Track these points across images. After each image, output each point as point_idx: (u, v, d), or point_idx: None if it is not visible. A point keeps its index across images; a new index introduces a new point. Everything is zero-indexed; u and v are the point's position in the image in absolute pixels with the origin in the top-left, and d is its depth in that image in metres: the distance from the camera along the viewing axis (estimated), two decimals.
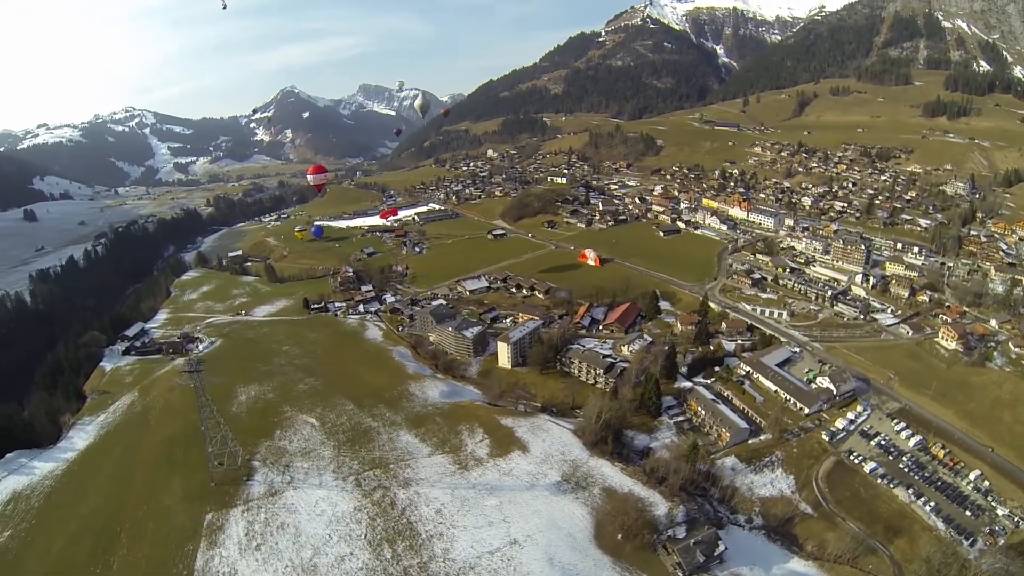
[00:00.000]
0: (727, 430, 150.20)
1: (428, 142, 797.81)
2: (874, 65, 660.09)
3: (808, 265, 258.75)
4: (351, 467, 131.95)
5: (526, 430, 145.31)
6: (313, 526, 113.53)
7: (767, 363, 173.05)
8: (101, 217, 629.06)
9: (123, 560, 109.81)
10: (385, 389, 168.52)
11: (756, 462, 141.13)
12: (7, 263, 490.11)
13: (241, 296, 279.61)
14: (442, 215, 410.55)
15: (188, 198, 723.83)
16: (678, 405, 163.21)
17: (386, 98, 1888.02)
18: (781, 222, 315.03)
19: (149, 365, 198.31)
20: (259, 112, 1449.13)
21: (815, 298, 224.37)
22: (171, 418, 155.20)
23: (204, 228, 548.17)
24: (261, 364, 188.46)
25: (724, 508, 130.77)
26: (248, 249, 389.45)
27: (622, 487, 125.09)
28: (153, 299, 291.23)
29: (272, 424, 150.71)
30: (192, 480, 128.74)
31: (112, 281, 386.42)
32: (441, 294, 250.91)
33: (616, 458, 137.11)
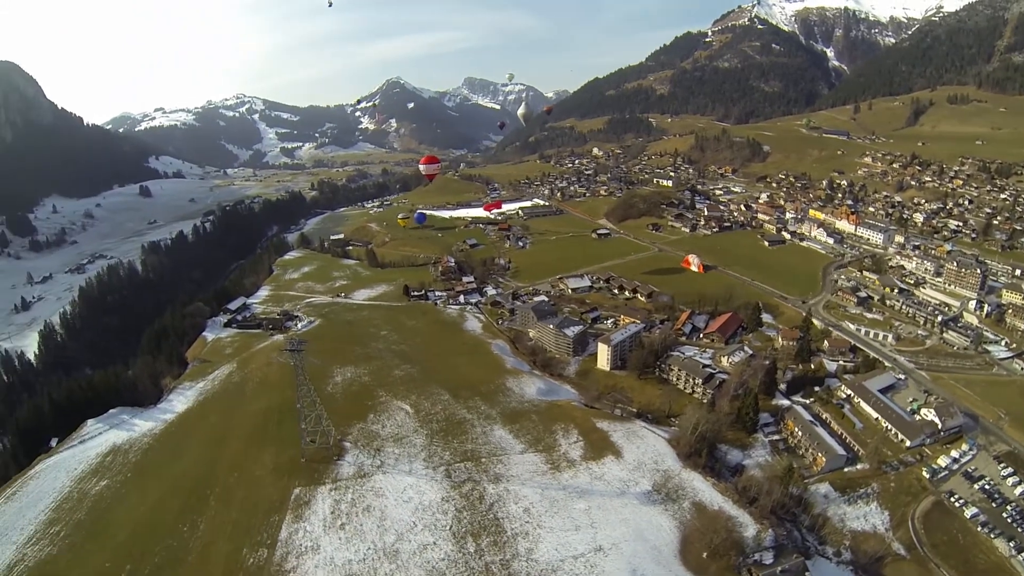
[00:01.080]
0: (823, 455, 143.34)
1: (533, 137, 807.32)
2: (996, 72, 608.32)
3: (918, 287, 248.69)
4: (442, 457, 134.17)
5: (621, 435, 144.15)
6: (399, 512, 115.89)
7: (870, 388, 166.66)
8: (210, 196, 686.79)
9: (210, 522, 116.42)
10: (482, 382, 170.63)
11: (850, 492, 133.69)
12: (122, 234, 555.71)
13: (341, 279, 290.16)
14: (546, 211, 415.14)
15: (293, 181, 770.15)
16: (774, 423, 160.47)
17: (491, 92, 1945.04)
18: (891, 239, 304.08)
19: (249, 339, 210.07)
20: (364, 101, 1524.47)
21: (923, 323, 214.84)
22: (267, 392, 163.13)
23: (307, 211, 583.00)
24: (358, 347, 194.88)
25: (813, 537, 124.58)
26: (350, 233, 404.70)
27: (712, 503, 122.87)
28: (255, 276, 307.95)
29: (366, 407, 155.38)
30: (283, 454, 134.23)
31: (217, 256, 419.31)
32: (543, 290, 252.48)
33: (708, 472, 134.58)
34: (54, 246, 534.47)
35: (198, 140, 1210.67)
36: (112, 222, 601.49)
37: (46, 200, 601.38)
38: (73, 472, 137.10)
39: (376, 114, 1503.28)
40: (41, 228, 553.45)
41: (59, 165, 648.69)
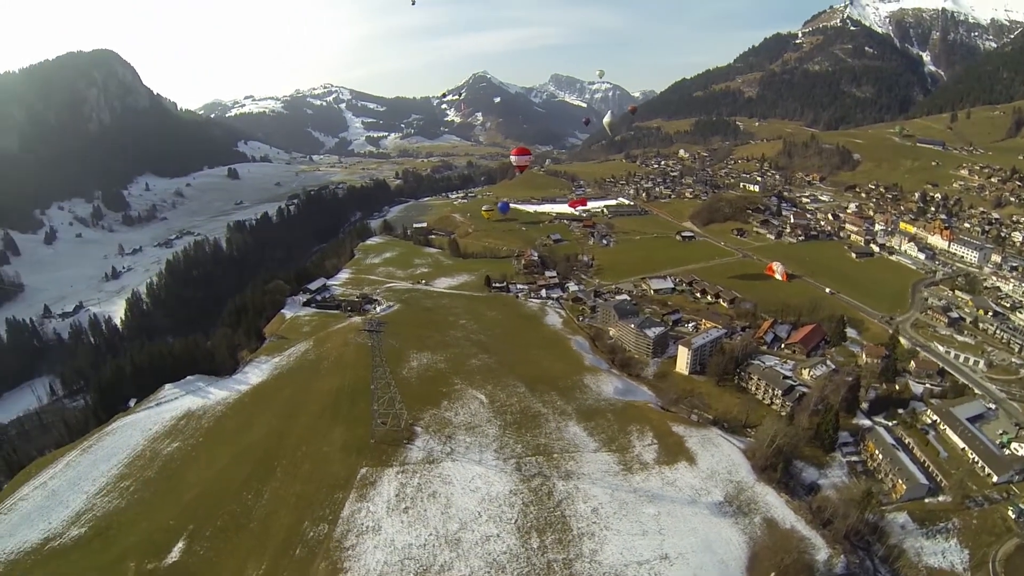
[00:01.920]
0: (904, 482, 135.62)
1: (619, 136, 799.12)
2: None
3: (1014, 311, 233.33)
4: (514, 449, 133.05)
5: (696, 441, 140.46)
6: (465, 500, 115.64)
7: (957, 415, 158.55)
8: (295, 180, 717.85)
9: (274, 492, 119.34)
10: (560, 377, 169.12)
11: (929, 525, 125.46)
12: (210, 213, 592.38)
13: (423, 266, 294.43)
14: (631, 210, 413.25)
15: (378, 169, 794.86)
16: (854, 444, 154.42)
17: (577, 89, 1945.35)
18: (986, 257, 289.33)
19: (326, 318, 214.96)
20: (451, 94, 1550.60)
21: (1019, 350, 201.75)
22: (341, 371, 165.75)
23: (391, 198, 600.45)
24: (436, 334, 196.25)
25: (886, 569, 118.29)
26: (433, 222, 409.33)
27: (784, 521, 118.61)
28: (337, 259, 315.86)
29: (440, 394, 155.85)
30: (353, 433, 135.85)
31: (300, 238, 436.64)
32: (625, 290, 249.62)
33: (782, 488, 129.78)
34: (145, 221, 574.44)
35: (285, 127, 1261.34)
36: (200, 201, 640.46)
37: (139, 178, 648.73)
38: (147, 432, 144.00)
39: (462, 107, 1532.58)
40: (134, 204, 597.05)
41: (153, 146, 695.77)
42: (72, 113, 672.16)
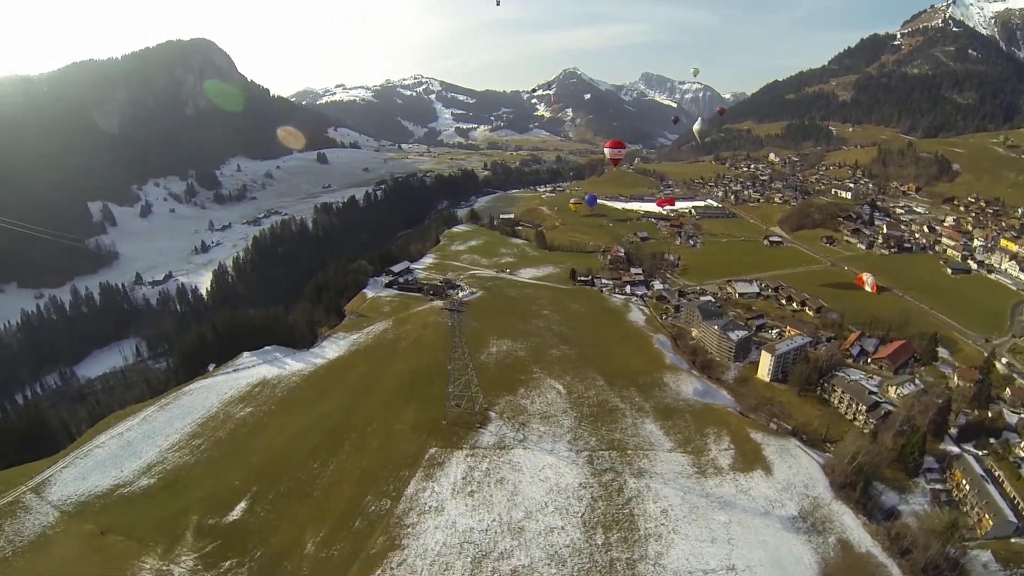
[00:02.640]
0: (991, 517, 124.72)
1: (709, 138, 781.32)
2: None
3: None
4: (588, 442, 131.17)
5: (774, 451, 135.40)
6: (532, 490, 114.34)
7: None
8: (384, 167, 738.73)
9: (340, 464, 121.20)
10: (639, 374, 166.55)
11: (1014, 567, 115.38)
12: (298, 195, 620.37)
13: (508, 256, 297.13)
14: (718, 212, 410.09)
15: (466, 160, 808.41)
16: (939, 471, 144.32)
17: (667, 89, 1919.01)
18: None
19: (408, 300, 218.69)
20: (541, 89, 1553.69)
21: None
22: (419, 352, 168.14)
23: (478, 189, 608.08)
24: (518, 322, 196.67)
25: None
26: (520, 214, 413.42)
27: (860, 545, 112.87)
28: (422, 243, 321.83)
29: (518, 381, 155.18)
30: (426, 413, 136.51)
31: (386, 223, 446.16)
32: (710, 291, 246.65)
33: (860, 509, 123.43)
34: (235, 200, 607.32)
35: (375, 116, 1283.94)
36: (289, 183, 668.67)
37: (232, 159, 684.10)
38: (223, 395, 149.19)
39: (552, 102, 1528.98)
40: (225, 183, 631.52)
41: (245, 130, 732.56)
42: (170, 97, 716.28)
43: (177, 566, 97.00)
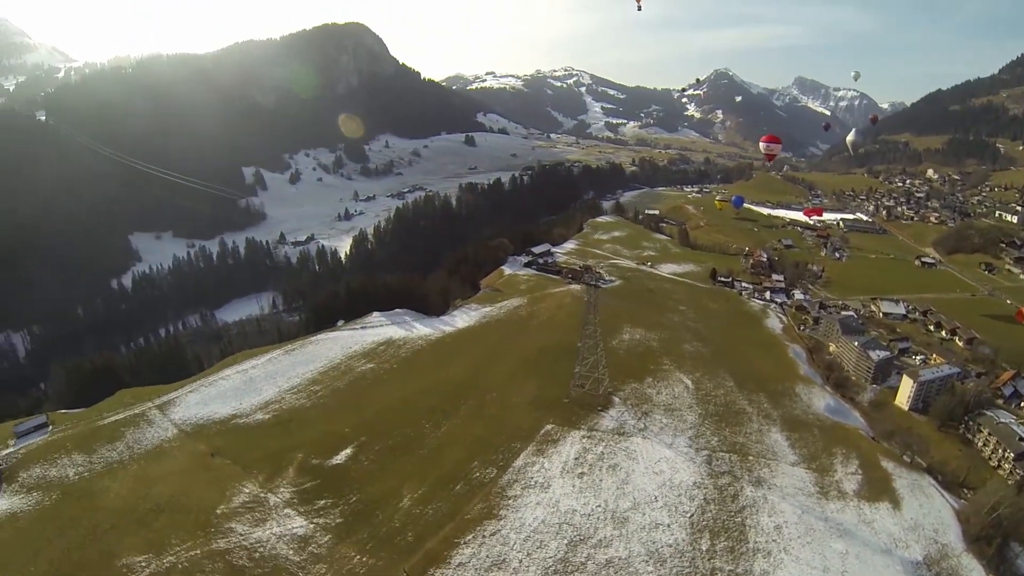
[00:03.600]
0: None
1: (863, 149, 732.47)
2: None
3: None
4: (709, 441, 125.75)
5: (905, 484, 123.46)
6: (644, 481, 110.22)
7: None
8: (531, 154, 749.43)
9: (453, 428, 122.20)
10: (771, 380, 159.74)
11: None
12: (443, 174, 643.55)
13: (650, 249, 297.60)
14: (868, 227, 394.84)
15: (614, 154, 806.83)
16: None
17: (821, 95, 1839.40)
18: None
19: (545, 281, 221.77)
20: (691, 89, 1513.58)
21: None
22: (550, 330, 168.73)
23: (625, 183, 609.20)
24: (654, 314, 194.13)
25: None
26: (665, 211, 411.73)
27: None
28: (565, 229, 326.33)
29: (646, 370, 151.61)
30: (548, 390, 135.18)
31: (529, 207, 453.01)
32: (852, 307, 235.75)
33: (992, 569, 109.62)
34: (381, 174, 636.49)
35: (525, 104, 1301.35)
36: (436, 162, 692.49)
37: (381, 136, 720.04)
38: (347, 349, 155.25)
39: (703, 103, 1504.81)
40: (373, 158, 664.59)
41: (395, 109, 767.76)
42: (324, 76, 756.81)
43: (273, 495, 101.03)
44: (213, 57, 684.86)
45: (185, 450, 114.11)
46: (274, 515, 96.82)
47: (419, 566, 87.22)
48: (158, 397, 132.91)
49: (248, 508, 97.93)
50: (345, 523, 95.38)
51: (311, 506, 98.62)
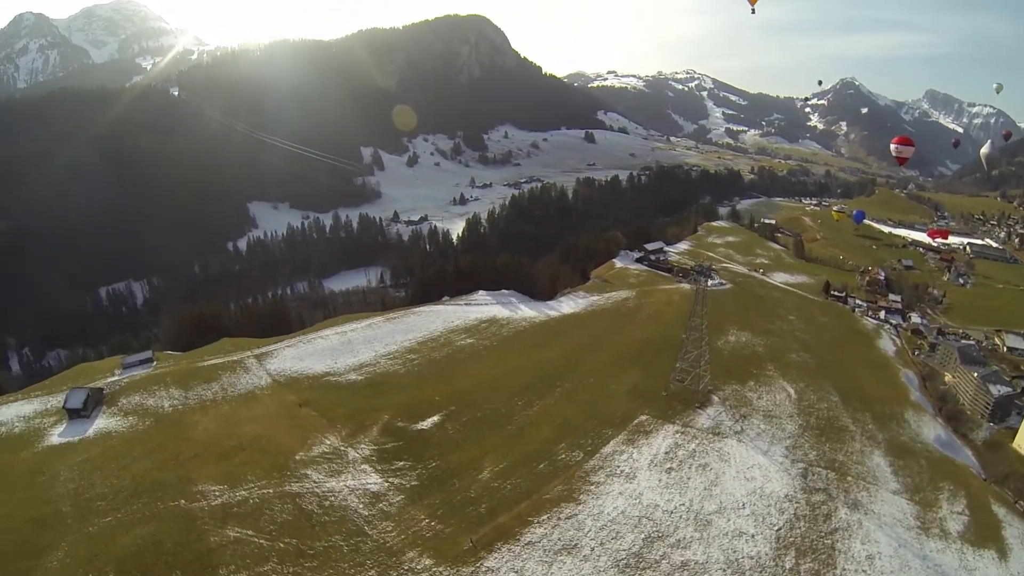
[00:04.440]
0: None
1: (997, 171, 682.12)
2: None
3: None
4: (807, 455, 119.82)
5: (1016, 535, 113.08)
6: (733, 486, 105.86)
7: None
8: (650, 155, 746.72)
9: (544, 408, 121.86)
10: (878, 401, 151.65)
11: None
12: (561, 167, 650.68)
13: (763, 257, 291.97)
14: (997, 254, 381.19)
15: (733, 161, 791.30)
16: None
17: (954, 111, 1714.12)
18: None
19: (655, 277, 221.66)
20: (816, 98, 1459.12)
21: None
22: (655, 324, 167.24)
23: (742, 191, 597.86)
24: (762, 320, 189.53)
25: None
26: (781, 221, 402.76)
27: None
28: (679, 229, 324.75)
29: (749, 374, 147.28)
30: (647, 381, 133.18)
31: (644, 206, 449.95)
32: (973, 337, 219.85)
33: None
34: (499, 164, 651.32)
35: (645, 105, 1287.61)
36: (554, 156, 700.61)
37: (500, 127, 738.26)
38: (449, 323, 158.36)
39: (826, 113, 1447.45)
40: (491, 147, 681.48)
41: (515, 101, 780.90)
42: (445, 65, 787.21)
43: (353, 450, 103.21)
44: (338, 43, 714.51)
45: (275, 398, 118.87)
46: (351, 469, 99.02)
47: (487, 538, 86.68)
48: (257, 348, 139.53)
49: (326, 459, 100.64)
50: (420, 486, 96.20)
51: (389, 465, 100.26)
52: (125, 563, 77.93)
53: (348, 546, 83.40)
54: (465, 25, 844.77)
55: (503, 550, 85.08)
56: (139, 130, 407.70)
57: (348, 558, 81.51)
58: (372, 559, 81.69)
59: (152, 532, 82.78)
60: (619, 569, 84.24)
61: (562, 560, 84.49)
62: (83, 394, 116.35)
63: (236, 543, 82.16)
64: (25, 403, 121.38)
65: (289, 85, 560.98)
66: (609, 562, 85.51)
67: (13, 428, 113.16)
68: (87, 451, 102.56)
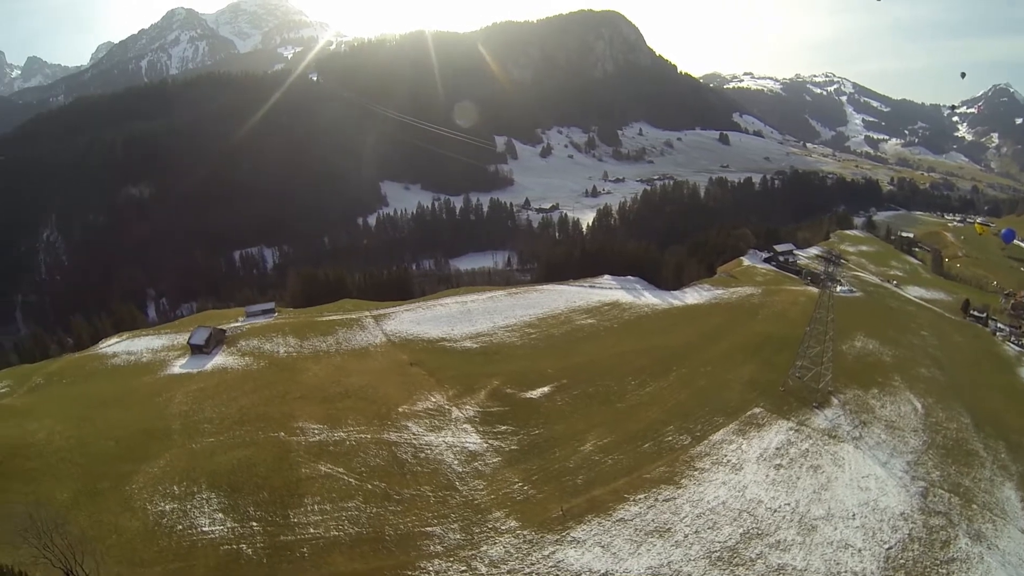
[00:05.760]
0: None
1: None
2: None
3: None
4: (929, 474, 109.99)
5: None
6: (845, 493, 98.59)
7: None
8: (784, 160, 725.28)
9: (657, 390, 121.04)
10: (1016, 432, 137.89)
11: None
12: (693, 167, 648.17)
13: (898, 269, 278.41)
14: None
15: (872, 171, 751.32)
16: None
17: None
18: None
19: (782, 278, 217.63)
20: (964, 106, 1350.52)
21: None
22: (779, 322, 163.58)
23: (879, 202, 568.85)
24: (892, 330, 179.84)
25: None
26: (920, 235, 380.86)
27: None
28: (811, 234, 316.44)
29: (873, 381, 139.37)
30: (765, 375, 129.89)
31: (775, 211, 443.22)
32: None
33: None
34: (632, 160, 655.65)
35: (782, 109, 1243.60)
36: (687, 155, 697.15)
37: (634, 123, 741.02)
38: (571, 302, 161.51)
39: (975, 123, 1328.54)
40: (625, 143, 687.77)
41: (650, 98, 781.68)
42: (580, 59, 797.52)
43: (457, 409, 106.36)
44: (472, 35, 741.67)
45: (387, 356, 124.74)
46: (452, 427, 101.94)
47: (578, 508, 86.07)
48: (376, 309, 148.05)
49: (429, 414, 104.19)
50: (520, 451, 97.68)
51: (491, 428, 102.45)
52: (218, 478, 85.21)
53: (435, 497, 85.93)
54: (599, 20, 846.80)
55: (592, 523, 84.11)
56: (280, 111, 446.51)
57: (433, 509, 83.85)
58: (457, 513, 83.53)
59: (248, 456, 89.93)
60: (711, 561, 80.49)
61: (652, 542, 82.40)
62: (206, 332, 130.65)
63: (326, 478, 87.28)
64: (155, 338, 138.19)
65: (424, 74, 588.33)
66: (701, 551, 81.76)
67: (141, 357, 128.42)
68: (203, 382, 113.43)
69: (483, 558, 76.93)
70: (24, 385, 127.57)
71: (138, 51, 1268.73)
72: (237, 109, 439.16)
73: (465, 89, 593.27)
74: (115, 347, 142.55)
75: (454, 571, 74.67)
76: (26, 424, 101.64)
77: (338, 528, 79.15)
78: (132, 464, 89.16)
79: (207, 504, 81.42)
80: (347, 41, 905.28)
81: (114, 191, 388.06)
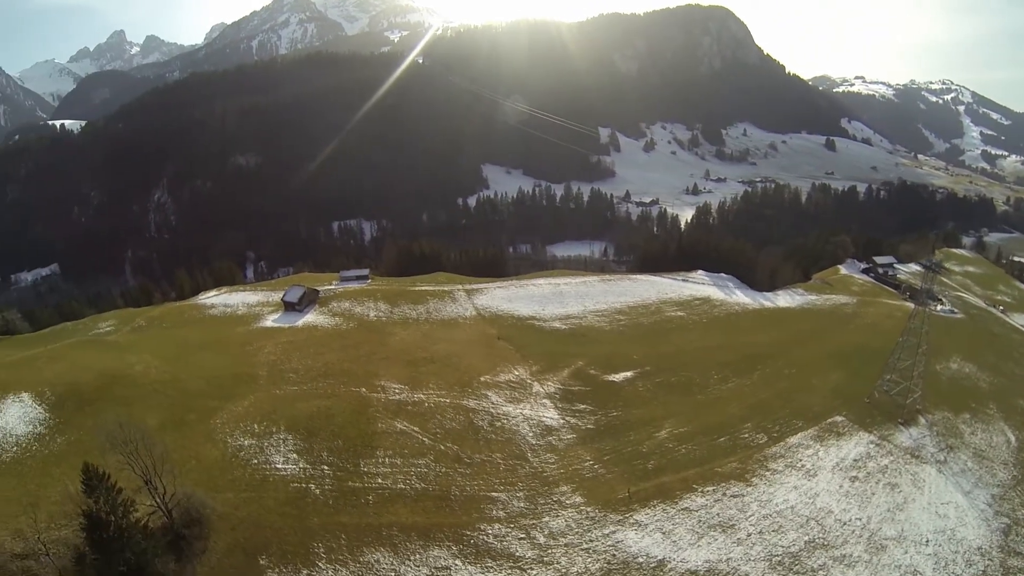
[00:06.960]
0: None
1: None
2: None
3: None
4: (1015, 511, 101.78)
5: None
6: (921, 517, 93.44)
7: None
8: (893, 170, 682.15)
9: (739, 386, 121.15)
10: None
11: None
12: (797, 172, 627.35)
13: (1005, 295, 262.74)
14: None
15: (986, 188, 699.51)
16: None
17: None
18: None
19: (879, 290, 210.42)
20: None
21: None
22: (872, 333, 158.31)
23: (992, 222, 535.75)
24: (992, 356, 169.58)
25: None
26: None
27: None
28: (914, 249, 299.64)
29: (966, 406, 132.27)
30: (851, 385, 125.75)
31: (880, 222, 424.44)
32: None
33: None
34: (735, 160, 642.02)
35: (893, 116, 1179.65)
36: (791, 159, 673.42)
37: (739, 123, 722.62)
38: (663, 294, 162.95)
39: None
40: (728, 143, 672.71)
41: (755, 98, 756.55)
42: (686, 54, 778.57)
43: (538, 383, 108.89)
44: (578, 25, 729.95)
45: (476, 328, 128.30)
46: (531, 400, 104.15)
47: (645, 493, 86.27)
48: (469, 284, 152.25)
49: (511, 386, 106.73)
50: (595, 431, 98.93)
51: (570, 405, 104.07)
52: (297, 423, 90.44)
53: (505, 465, 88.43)
54: (707, 16, 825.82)
55: (657, 508, 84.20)
56: (387, 91, 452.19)
57: (502, 476, 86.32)
58: (525, 483, 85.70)
59: (328, 406, 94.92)
60: (771, 564, 78.53)
61: (714, 535, 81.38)
62: (300, 291, 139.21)
63: (400, 434, 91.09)
64: (251, 294, 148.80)
65: (528, 62, 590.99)
66: (762, 553, 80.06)
67: (237, 310, 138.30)
68: (293, 336, 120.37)
69: (543, 528, 78.79)
70: (128, 325, 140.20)
71: (250, 31, 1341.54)
72: (343, 88, 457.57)
73: (569, 78, 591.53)
74: (214, 299, 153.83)
75: (512, 537, 76.81)
76: (126, 357, 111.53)
77: (405, 482, 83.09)
78: (218, 402, 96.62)
79: (283, 444, 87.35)
80: (453, 27, 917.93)
81: (223, 160, 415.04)
